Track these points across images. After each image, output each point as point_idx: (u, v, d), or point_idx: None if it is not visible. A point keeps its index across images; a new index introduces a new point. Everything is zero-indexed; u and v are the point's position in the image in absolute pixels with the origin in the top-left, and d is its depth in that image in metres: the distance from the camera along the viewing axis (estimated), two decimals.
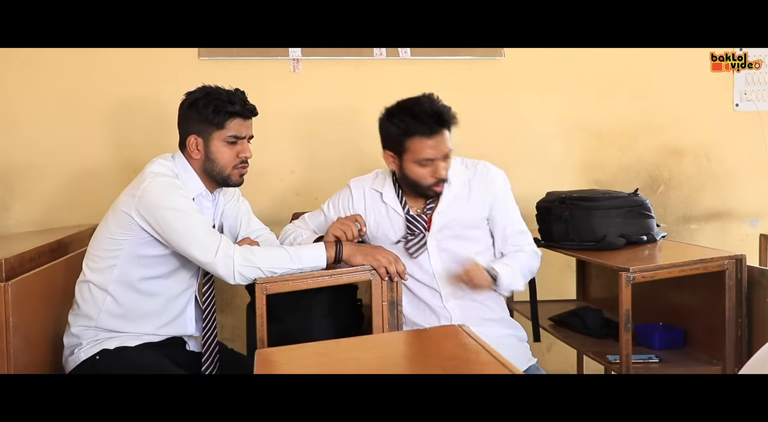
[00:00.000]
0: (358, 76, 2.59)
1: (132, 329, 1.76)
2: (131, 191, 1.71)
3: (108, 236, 1.74)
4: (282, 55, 2.56)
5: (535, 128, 2.73)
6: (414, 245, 1.80)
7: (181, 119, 1.79)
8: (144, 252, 1.73)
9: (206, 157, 1.75)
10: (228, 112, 1.73)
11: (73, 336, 1.76)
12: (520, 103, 2.72)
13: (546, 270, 2.34)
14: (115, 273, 1.73)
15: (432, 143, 1.74)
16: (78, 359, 1.73)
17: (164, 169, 1.74)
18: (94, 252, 1.77)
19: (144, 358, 1.72)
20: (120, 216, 1.71)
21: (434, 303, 1.82)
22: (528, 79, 2.71)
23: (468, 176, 1.87)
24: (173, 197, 1.69)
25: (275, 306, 1.72)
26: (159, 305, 1.79)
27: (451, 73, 2.67)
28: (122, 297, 1.75)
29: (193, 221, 1.68)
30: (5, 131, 2.46)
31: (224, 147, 1.75)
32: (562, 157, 2.75)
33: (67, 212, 2.48)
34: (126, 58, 2.47)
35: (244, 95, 1.77)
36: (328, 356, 1.24)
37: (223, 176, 1.77)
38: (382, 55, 2.60)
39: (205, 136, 1.74)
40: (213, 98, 1.73)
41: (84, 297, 1.76)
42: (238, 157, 1.76)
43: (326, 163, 2.60)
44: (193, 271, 1.83)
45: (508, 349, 1.80)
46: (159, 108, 2.49)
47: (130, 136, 2.50)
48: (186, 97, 1.78)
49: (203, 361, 1.82)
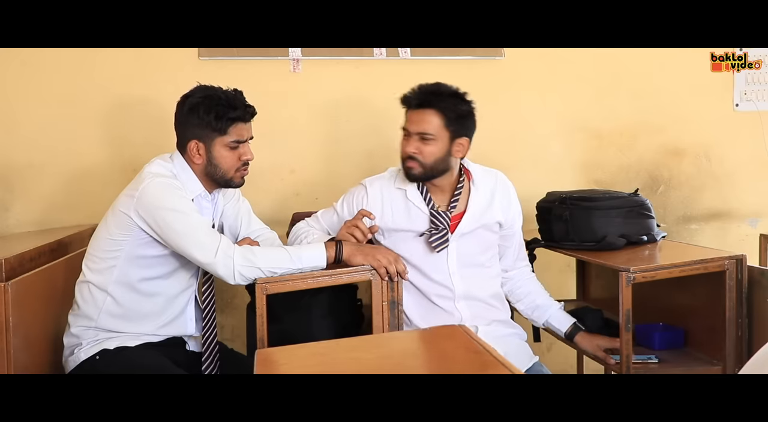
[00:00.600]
0: (358, 76, 2.59)
1: (132, 329, 1.76)
2: (130, 192, 1.71)
3: (107, 237, 1.74)
4: (282, 55, 2.56)
5: (535, 128, 2.73)
6: (437, 239, 1.79)
7: (179, 122, 1.77)
8: (143, 252, 1.73)
9: (208, 162, 1.75)
10: (230, 118, 1.72)
11: (73, 336, 1.76)
12: (520, 103, 2.72)
13: (546, 270, 2.35)
14: (114, 274, 1.73)
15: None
16: (78, 359, 1.73)
17: (163, 170, 1.74)
18: (93, 253, 1.77)
19: (144, 358, 1.71)
20: (119, 216, 1.71)
21: (445, 304, 1.82)
22: (528, 79, 2.71)
23: (491, 184, 1.89)
24: (172, 198, 1.69)
25: (275, 306, 1.72)
26: (159, 305, 1.78)
27: (451, 73, 2.65)
28: (122, 297, 1.75)
29: (193, 222, 1.68)
30: (5, 131, 2.46)
31: (227, 152, 1.75)
32: (562, 157, 2.75)
33: (66, 212, 2.48)
34: (126, 58, 2.47)
35: (242, 96, 1.76)
36: (328, 356, 1.23)
37: (225, 179, 1.78)
38: (382, 55, 2.59)
39: (207, 141, 1.74)
40: (214, 103, 1.72)
41: (84, 297, 1.76)
42: (240, 160, 1.77)
43: (326, 163, 2.60)
44: (193, 271, 1.83)
45: (513, 347, 1.83)
46: (159, 108, 2.48)
47: (130, 136, 2.50)
48: (184, 100, 1.76)
49: (203, 361, 1.82)
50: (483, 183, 1.87)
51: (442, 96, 1.78)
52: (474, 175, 1.87)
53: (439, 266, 1.82)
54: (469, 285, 1.83)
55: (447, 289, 1.82)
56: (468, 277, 1.83)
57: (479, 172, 1.89)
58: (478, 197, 1.85)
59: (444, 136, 1.77)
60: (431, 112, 1.76)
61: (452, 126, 1.77)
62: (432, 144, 1.76)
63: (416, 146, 1.76)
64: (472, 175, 1.87)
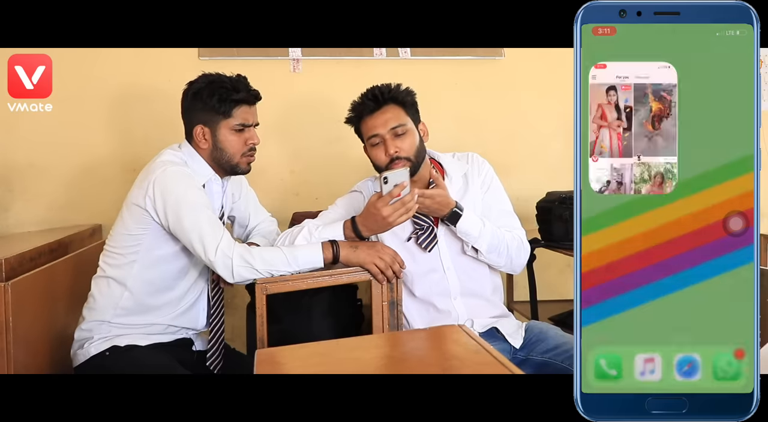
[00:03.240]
0: (358, 76, 2.59)
1: (146, 321, 1.77)
2: (141, 184, 1.71)
3: (125, 232, 1.74)
4: (282, 55, 2.56)
5: (535, 128, 2.73)
6: (425, 239, 1.77)
7: (185, 109, 1.79)
8: (162, 246, 1.75)
9: (214, 146, 1.76)
10: (233, 100, 1.73)
11: (85, 330, 1.77)
12: (520, 103, 2.72)
13: (546, 270, 2.35)
14: (135, 269, 1.75)
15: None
16: (88, 353, 1.74)
17: (173, 158, 1.75)
18: (112, 250, 1.78)
19: (152, 358, 1.72)
20: (133, 210, 1.72)
21: (441, 303, 1.79)
22: (528, 79, 2.71)
23: (464, 170, 1.86)
24: (184, 188, 1.69)
25: (275, 306, 1.72)
26: (174, 298, 1.80)
27: (451, 73, 2.67)
28: (140, 291, 1.76)
29: (200, 216, 1.68)
30: (5, 131, 2.46)
31: (232, 135, 1.75)
32: (562, 157, 2.75)
33: (67, 212, 2.48)
34: (126, 58, 2.47)
35: (246, 81, 1.78)
36: (328, 356, 1.23)
37: (231, 165, 1.78)
38: (382, 55, 2.60)
39: (212, 125, 1.75)
40: (217, 87, 1.73)
41: (102, 291, 1.77)
42: (246, 144, 1.77)
43: (326, 163, 2.61)
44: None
45: (514, 327, 1.80)
46: (159, 108, 2.49)
47: (130, 136, 2.51)
48: (189, 87, 1.78)
49: (209, 356, 1.83)
50: (454, 170, 1.84)
51: (393, 90, 1.77)
52: (445, 166, 1.85)
53: (433, 265, 1.79)
54: (467, 280, 1.79)
55: (443, 288, 1.79)
56: (465, 271, 1.79)
57: (449, 161, 1.86)
58: (451, 185, 1.81)
59: (411, 124, 1.77)
60: (391, 107, 1.76)
61: (411, 113, 1.78)
62: (408, 135, 1.74)
63: (396, 145, 1.73)
64: (443, 166, 1.85)
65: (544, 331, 1.73)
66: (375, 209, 1.62)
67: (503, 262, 1.77)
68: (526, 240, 1.81)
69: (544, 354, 1.68)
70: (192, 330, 1.86)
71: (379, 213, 1.62)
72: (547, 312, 2.28)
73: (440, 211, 1.71)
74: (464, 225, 1.71)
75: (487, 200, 1.83)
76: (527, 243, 1.81)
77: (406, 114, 1.76)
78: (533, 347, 1.71)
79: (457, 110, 2.71)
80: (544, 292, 2.30)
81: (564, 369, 1.60)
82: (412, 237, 1.79)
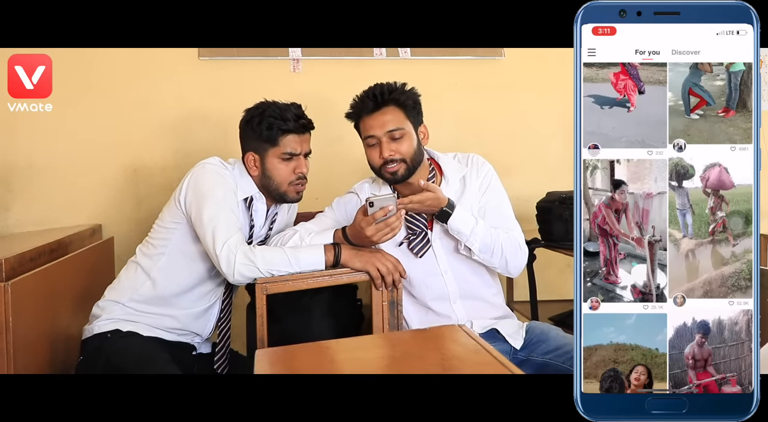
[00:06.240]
0: (358, 76, 2.59)
1: (158, 312, 1.80)
2: (183, 180, 1.77)
3: (160, 224, 1.81)
4: (282, 55, 2.56)
5: (535, 128, 2.73)
6: (417, 245, 1.76)
7: (240, 136, 1.84)
8: (189, 244, 1.78)
9: (263, 174, 1.80)
10: (281, 129, 1.76)
11: (99, 307, 1.81)
12: (520, 103, 2.72)
13: (546, 270, 2.35)
14: (161, 261, 1.80)
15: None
16: (92, 331, 1.77)
17: (217, 162, 1.79)
18: (148, 240, 1.85)
19: (149, 349, 1.73)
20: (171, 204, 1.79)
21: (440, 307, 1.78)
22: (528, 79, 2.71)
23: (462, 172, 1.84)
24: (213, 181, 1.73)
25: (275, 306, 1.72)
26: (190, 300, 1.83)
27: (451, 73, 2.67)
28: (161, 284, 1.79)
29: (221, 213, 1.69)
30: (5, 131, 2.46)
31: (280, 164, 1.78)
32: (562, 157, 2.75)
33: (67, 212, 2.48)
34: (126, 57, 2.47)
35: (299, 109, 1.80)
36: (328, 356, 1.23)
37: (279, 193, 1.81)
38: (382, 55, 2.60)
39: (261, 153, 1.79)
40: (267, 115, 1.76)
41: (128, 275, 1.83)
42: (294, 173, 1.80)
43: (326, 163, 2.60)
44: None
45: (514, 327, 1.79)
46: (159, 108, 2.49)
47: (130, 136, 2.50)
48: (244, 114, 1.82)
49: (216, 359, 1.85)
50: (452, 172, 1.83)
51: (395, 91, 1.75)
52: (443, 167, 1.83)
53: (429, 269, 1.78)
54: (465, 283, 1.78)
55: (441, 292, 1.78)
56: (462, 274, 1.78)
57: (449, 162, 1.85)
58: (448, 188, 1.80)
59: (410, 127, 1.75)
60: (391, 109, 1.74)
61: (412, 115, 1.76)
62: (405, 139, 1.73)
63: (391, 148, 1.73)
64: (442, 167, 1.84)
65: (546, 332, 1.72)
66: (360, 228, 1.65)
67: (497, 263, 1.75)
68: (524, 243, 1.78)
69: (545, 354, 1.67)
70: (197, 335, 1.87)
71: (363, 232, 1.64)
72: (547, 312, 2.28)
73: (433, 210, 1.71)
74: (455, 223, 1.70)
75: (484, 200, 1.82)
76: (525, 246, 1.78)
77: (405, 117, 1.75)
78: (534, 348, 1.70)
79: (457, 110, 2.71)
80: (544, 292, 2.29)
81: (565, 370, 1.59)
82: (404, 243, 1.78)
